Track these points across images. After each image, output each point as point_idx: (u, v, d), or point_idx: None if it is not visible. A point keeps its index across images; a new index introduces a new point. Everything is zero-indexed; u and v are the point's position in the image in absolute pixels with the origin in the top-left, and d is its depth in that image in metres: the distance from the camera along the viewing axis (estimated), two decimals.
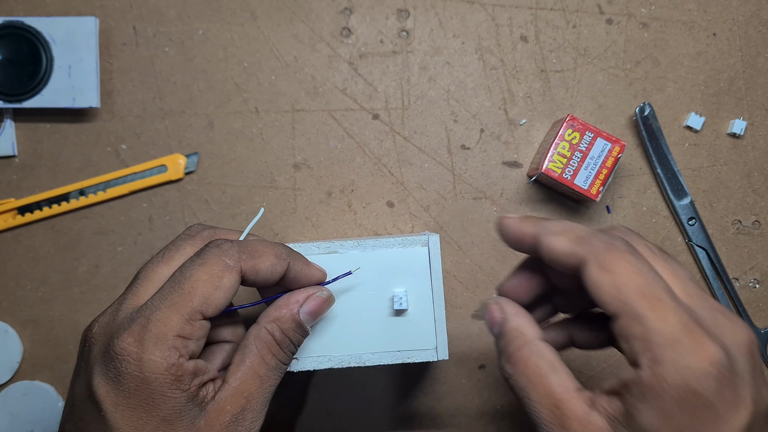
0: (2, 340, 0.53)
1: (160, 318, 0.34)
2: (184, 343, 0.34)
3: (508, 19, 0.55)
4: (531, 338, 0.34)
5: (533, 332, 0.35)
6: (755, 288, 0.55)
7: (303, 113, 0.55)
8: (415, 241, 0.43)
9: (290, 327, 0.38)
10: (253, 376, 0.37)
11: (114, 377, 0.33)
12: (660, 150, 0.54)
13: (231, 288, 0.36)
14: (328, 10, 0.55)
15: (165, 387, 0.33)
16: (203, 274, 0.35)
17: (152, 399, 0.33)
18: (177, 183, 0.54)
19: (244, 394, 0.36)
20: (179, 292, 0.34)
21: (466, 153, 0.55)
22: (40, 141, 0.54)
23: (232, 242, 0.37)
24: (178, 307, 0.34)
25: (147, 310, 0.34)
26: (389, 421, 0.54)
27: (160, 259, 0.38)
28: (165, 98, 0.54)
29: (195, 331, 0.35)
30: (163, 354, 0.33)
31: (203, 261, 0.35)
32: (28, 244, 0.54)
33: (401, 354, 0.42)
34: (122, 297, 0.36)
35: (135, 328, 0.34)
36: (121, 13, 0.55)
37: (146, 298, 0.36)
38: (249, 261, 0.36)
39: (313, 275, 0.40)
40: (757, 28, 0.55)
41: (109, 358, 0.34)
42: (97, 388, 0.34)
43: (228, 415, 0.35)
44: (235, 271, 0.36)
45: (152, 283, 0.37)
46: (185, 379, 0.34)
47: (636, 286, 0.30)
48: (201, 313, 0.35)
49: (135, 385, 0.33)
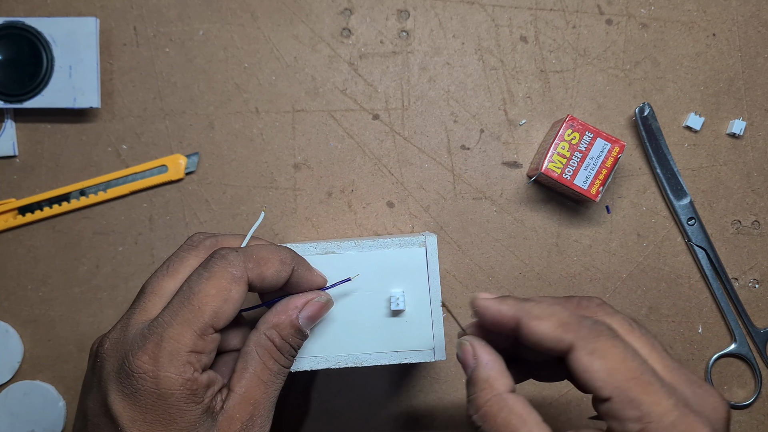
0: (3, 340, 0.53)
1: (173, 335, 0.34)
2: (198, 357, 0.35)
3: (507, 20, 0.55)
4: (501, 391, 0.34)
5: (504, 384, 0.35)
6: (755, 288, 0.55)
7: (303, 113, 0.55)
8: (413, 241, 0.43)
9: (290, 333, 0.38)
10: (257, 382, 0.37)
11: (130, 394, 0.34)
12: (659, 150, 0.54)
13: (239, 299, 0.36)
14: (328, 11, 0.55)
15: (181, 402, 0.34)
16: (212, 288, 0.35)
17: (169, 414, 0.34)
18: (177, 183, 0.54)
19: (251, 401, 0.37)
20: (189, 308, 0.35)
21: (466, 153, 0.55)
22: (40, 141, 0.54)
23: (237, 252, 0.37)
24: (190, 323, 0.35)
25: (159, 327, 0.35)
26: (389, 421, 0.54)
27: (165, 272, 0.38)
28: (165, 98, 0.55)
29: (207, 345, 0.35)
30: (178, 370, 0.34)
31: (210, 274, 0.36)
32: (28, 244, 0.54)
33: (399, 354, 0.42)
34: (130, 312, 0.37)
35: (149, 345, 0.34)
36: (122, 13, 0.55)
37: (154, 312, 0.36)
38: (255, 270, 0.37)
39: (314, 281, 0.40)
40: (757, 29, 0.55)
41: (124, 375, 0.34)
42: (113, 404, 0.34)
43: (238, 423, 0.36)
44: (243, 282, 0.36)
45: (159, 297, 0.37)
46: (200, 392, 0.35)
47: (627, 371, 0.31)
48: (212, 327, 0.35)
49: (152, 401, 0.34)
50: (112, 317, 0.54)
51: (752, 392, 0.54)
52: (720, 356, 0.54)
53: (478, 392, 0.35)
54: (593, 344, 0.31)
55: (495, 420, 0.33)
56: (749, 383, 0.55)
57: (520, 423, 0.33)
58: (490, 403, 0.34)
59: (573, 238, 0.55)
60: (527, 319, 0.33)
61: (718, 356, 0.54)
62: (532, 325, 0.33)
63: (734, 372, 0.55)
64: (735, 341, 0.54)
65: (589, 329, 0.32)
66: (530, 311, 0.33)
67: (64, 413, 0.54)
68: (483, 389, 0.35)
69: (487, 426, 0.34)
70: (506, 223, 0.55)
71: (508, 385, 0.35)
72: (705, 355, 0.55)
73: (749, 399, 0.54)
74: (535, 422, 0.33)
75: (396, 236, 0.43)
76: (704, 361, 0.55)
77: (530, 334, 0.33)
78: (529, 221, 0.55)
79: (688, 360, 0.54)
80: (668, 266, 0.55)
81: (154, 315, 0.36)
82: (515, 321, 0.34)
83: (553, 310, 0.33)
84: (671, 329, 0.55)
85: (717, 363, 0.55)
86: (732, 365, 0.55)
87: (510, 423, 0.33)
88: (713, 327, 0.55)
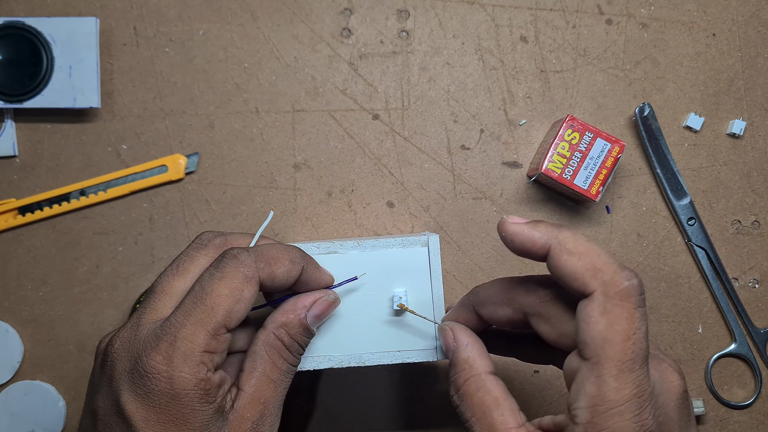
0: (3, 340, 0.53)
1: (186, 335, 0.34)
2: (211, 357, 0.35)
3: (507, 20, 0.55)
4: (479, 372, 0.35)
5: (482, 365, 0.35)
6: (755, 288, 0.55)
7: (303, 113, 0.55)
8: (415, 241, 0.43)
9: (298, 332, 0.39)
10: (267, 381, 0.37)
11: (144, 394, 0.34)
12: (659, 150, 0.54)
13: (251, 299, 0.36)
14: (328, 11, 0.55)
15: (195, 402, 0.34)
16: (224, 289, 0.35)
17: (182, 414, 0.34)
18: (177, 183, 0.54)
19: (261, 400, 0.37)
20: (202, 308, 0.35)
21: (466, 153, 0.55)
22: (40, 141, 0.54)
23: (248, 252, 0.37)
24: (203, 324, 0.35)
25: (172, 328, 0.35)
26: (389, 421, 0.54)
27: (175, 272, 0.38)
28: (165, 98, 0.55)
29: (220, 345, 0.35)
30: (191, 370, 0.34)
31: (222, 275, 0.36)
32: (28, 244, 0.54)
33: (401, 354, 0.42)
34: (140, 311, 0.37)
35: (162, 346, 0.34)
36: (122, 13, 0.55)
37: (165, 311, 0.36)
38: (266, 269, 0.37)
39: (323, 279, 0.41)
40: (757, 29, 0.55)
41: (138, 376, 0.34)
42: (126, 405, 0.34)
43: (249, 422, 0.36)
44: (254, 282, 0.36)
45: (169, 296, 0.37)
46: (212, 391, 0.35)
47: (624, 336, 0.30)
48: (225, 327, 0.35)
49: (166, 401, 0.34)
50: (112, 317, 0.54)
51: (752, 392, 0.55)
52: (720, 356, 0.54)
53: (458, 372, 0.36)
54: (614, 308, 0.30)
55: (471, 399, 0.34)
56: (749, 383, 0.55)
57: (494, 404, 0.34)
58: (468, 383, 0.35)
59: None
60: (558, 250, 0.32)
61: (718, 356, 0.54)
62: (563, 260, 0.31)
63: (734, 372, 0.55)
64: (735, 341, 0.54)
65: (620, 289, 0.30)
66: (564, 242, 0.32)
67: (64, 413, 0.54)
68: (462, 369, 0.36)
69: (464, 405, 0.35)
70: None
71: (487, 366, 0.36)
72: (705, 355, 0.55)
73: (749, 399, 0.54)
74: (510, 408, 0.34)
75: (398, 236, 0.43)
76: (704, 361, 0.55)
77: (557, 267, 0.32)
78: None
79: (688, 360, 0.55)
80: (668, 266, 0.55)
81: (165, 315, 0.36)
82: (546, 250, 0.32)
83: (588, 247, 0.31)
84: (671, 329, 0.55)
85: (717, 363, 0.55)
86: (732, 365, 0.55)
87: (484, 403, 0.34)
88: (713, 327, 0.55)
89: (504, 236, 0.34)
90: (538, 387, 0.54)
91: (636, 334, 0.30)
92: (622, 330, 0.30)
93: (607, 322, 0.30)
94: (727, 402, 0.54)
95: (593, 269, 0.31)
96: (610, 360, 0.30)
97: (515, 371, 0.54)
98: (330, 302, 0.40)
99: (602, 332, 0.30)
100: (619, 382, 0.29)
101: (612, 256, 0.31)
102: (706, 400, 0.54)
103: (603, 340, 0.30)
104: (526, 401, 0.54)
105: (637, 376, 0.30)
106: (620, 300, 0.30)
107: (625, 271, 0.31)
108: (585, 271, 0.31)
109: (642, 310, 0.30)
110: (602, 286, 0.30)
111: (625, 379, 0.30)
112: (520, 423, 0.33)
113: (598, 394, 0.30)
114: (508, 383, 0.53)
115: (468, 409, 0.34)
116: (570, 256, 0.31)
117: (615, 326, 0.30)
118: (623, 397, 0.29)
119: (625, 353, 0.30)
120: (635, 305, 0.30)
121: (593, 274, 0.31)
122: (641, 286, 0.31)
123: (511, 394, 0.35)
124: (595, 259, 0.31)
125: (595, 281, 0.31)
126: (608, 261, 0.31)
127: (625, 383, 0.29)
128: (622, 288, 0.30)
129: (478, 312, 0.37)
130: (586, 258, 0.31)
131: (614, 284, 0.30)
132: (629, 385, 0.30)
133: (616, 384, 0.29)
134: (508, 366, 0.54)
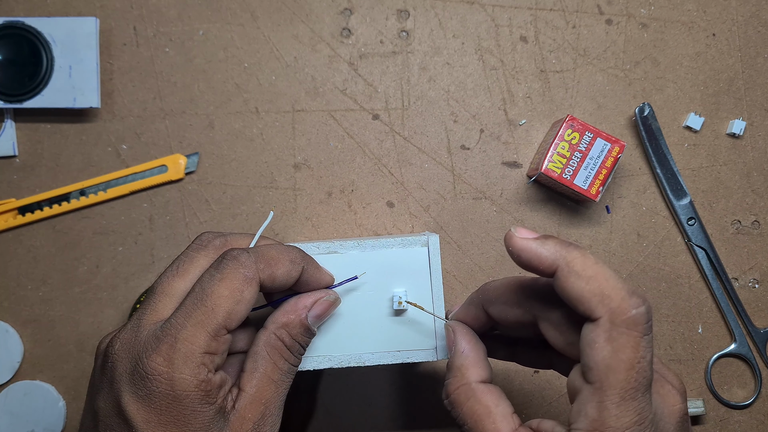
0: (3, 340, 0.53)
1: (187, 337, 0.34)
2: (211, 358, 0.35)
3: (507, 20, 0.55)
4: (469, 380, 0.35)
5: (475, 374, 0.35)
6: (754, 288, 0.55)
7: (303, 113, 0.55)
8: (415, 241, 0.43)
9: (299, 332, 0.39)
10: (268, 382, 0.37)
11: (144, 395, 0.34)
12: (659, 150, 0.54)
13: (251, 300, 0.36)
14: (328, 11, 0.55)
15: (196, 403, 0.34)
16: (224, 290, 0.35)
17: (183, 415, 0.34)
18: (177, 183, 0.54)
19: (262, 400, 0.37)
20: (203, 310, 0.35)
21: (466, 153, 0.55)
22: (40, 141, 0.54)
23: (248, 252, 0.37)
24: (204, 325, 0.35)
25: (173, 329, 0.35)
26: (389, 421, 0.54)
27: (175, 273, 0.38)
28: (165, 98, 0.55)
29: (220, 346, 0.35)
30: (192, 372, 0.34)
31: (223, 276, 0.36)
32: (28, 244, 0.54)
33: (401, 354, 0.42)
34: (141, 312, 0.37)
35: (163, 347, 0.34)
36: (122, 13, 0.55)
37: (165, 313, 0.36)
38: (266, 270, 0.37)
39: (323, 280, 0.41)
40: (757, 29, 0.55)
41: (138, 377, 0.34)
42: (126, 406, 0.34)
43: (250, 423, 0.36)
44: (255, 283, 0.36)
45: (170, 297, 0.37)
46: (213, 392, 0.35)
47: (628, 365, 0.29)
48: (225, 328, 0.35)
49: (167, 402, 0.34)
50: (112, 317, 0.54)
51: (752, 392, 0.55)
52: (720, 356, 0.54)
53: (451, 378, 0.36)
54: (620, 336, 0.29)
55: (462, 408, 0.35)
56: (749, 383, 0.55)
57: (485, 414, 0.34)
58: (458, 392, 0.35)
59: (573, 238, 0.55)
60: (566, 271, 0.31)
61: (718, 356, 0.54)
62: (570, 282, 0.30)
63: (734, 372, 0.55)
64: (735, 341, 0.54)
65: (627, 317, 0.29)
66: (572, 263, 0.31)
67: (64, 413, 0.54)
68: (455, 376, 0.36)
69: (455, 412, 0.35)
70: (506, 223, 0.55)
71: (481, 375, 0.36)
72: (705, 355, 0.55)
73: (749, 399, 0.54)
74: (502, 414, 0.34)
75: (398, 236, 0.43)
76: (704, 361, 0.55)
77: (564, 289, 0.31)
78: (529, 221, 0.55)
79: (688, 360, 0.55)
80: (668, 266, 0.55)
81: (165, 316, 0.36)
82: (553, 269, 0.31)
83: (597, 270, 0.30)
84: (671, 329, 0.55)
85: (717, 363, 0.55)
86: (732, 365, 0.55)
87: (475, 412, 0.34)
88: (713, 327, 0.55)
89: (511, 251, 0.33)
90: (538, 387, 0.54)
91: (640, 363, 0.29)
92: (627, 359, 0.29)
93: (611, 350, 0.29)
94: (727, 402, 0.54)
95: (601, 294, 0.30)
96: (612, 387, 0.29)
97: (515, 371, 0.54)
98: (330, 302, 0.40)
99: (606, 359, 0.30)
100: (621, 410, 0.29)
101: (621, 280, 0.31)
102: (706, 400, 0.54)
103: (607, 368, 0.30)
104: (526, 401, 0.54)
105: (638, 404, 0.30)
106: (626, 328, 0.30)
107: (634, 297, 0.30)
108: (592, 296, 0.30)
109: (648, 338, 0.30)
110: (609, 313, 0.30)
111: (627, 407, 0.29)
112: (513, 428, 0.33)
113: (598, 419, 0.30)
114: (508, 383, 0.53)
115: (460, 417, 0.35)
116: (578, 279, 0.30)
117: (620, 354, 0.29)
118: (623, 425, 0.29)
119: (629, 382, 0.29)
120: (641, 333, 0.30)
121: (600, 299, 0.30)
122: (649, 313, 0.30)
123: (510, 395, 0.35)
124: (604, 283, 0.30)
125: (602, 307, 0.30)
126: (617, 286, 0.30)
127: (627, 411, 0.29)
128: (629, 316, 0.30)
129: (486, 310, 0.37)
130: (594, 282, 0.30)
131: (621, 312, 0.30)
132: (630, 413, 0.29)
133: (618, 411, 0.29)
134: (508, 365, 0.54)
